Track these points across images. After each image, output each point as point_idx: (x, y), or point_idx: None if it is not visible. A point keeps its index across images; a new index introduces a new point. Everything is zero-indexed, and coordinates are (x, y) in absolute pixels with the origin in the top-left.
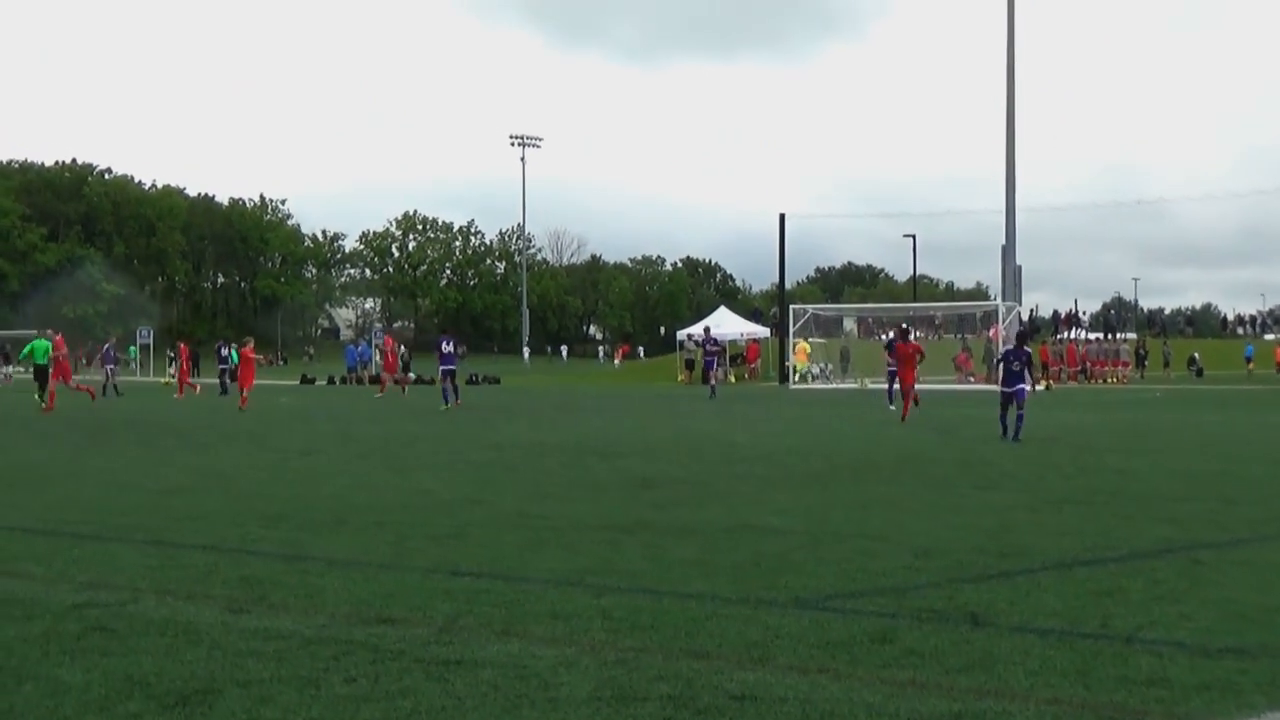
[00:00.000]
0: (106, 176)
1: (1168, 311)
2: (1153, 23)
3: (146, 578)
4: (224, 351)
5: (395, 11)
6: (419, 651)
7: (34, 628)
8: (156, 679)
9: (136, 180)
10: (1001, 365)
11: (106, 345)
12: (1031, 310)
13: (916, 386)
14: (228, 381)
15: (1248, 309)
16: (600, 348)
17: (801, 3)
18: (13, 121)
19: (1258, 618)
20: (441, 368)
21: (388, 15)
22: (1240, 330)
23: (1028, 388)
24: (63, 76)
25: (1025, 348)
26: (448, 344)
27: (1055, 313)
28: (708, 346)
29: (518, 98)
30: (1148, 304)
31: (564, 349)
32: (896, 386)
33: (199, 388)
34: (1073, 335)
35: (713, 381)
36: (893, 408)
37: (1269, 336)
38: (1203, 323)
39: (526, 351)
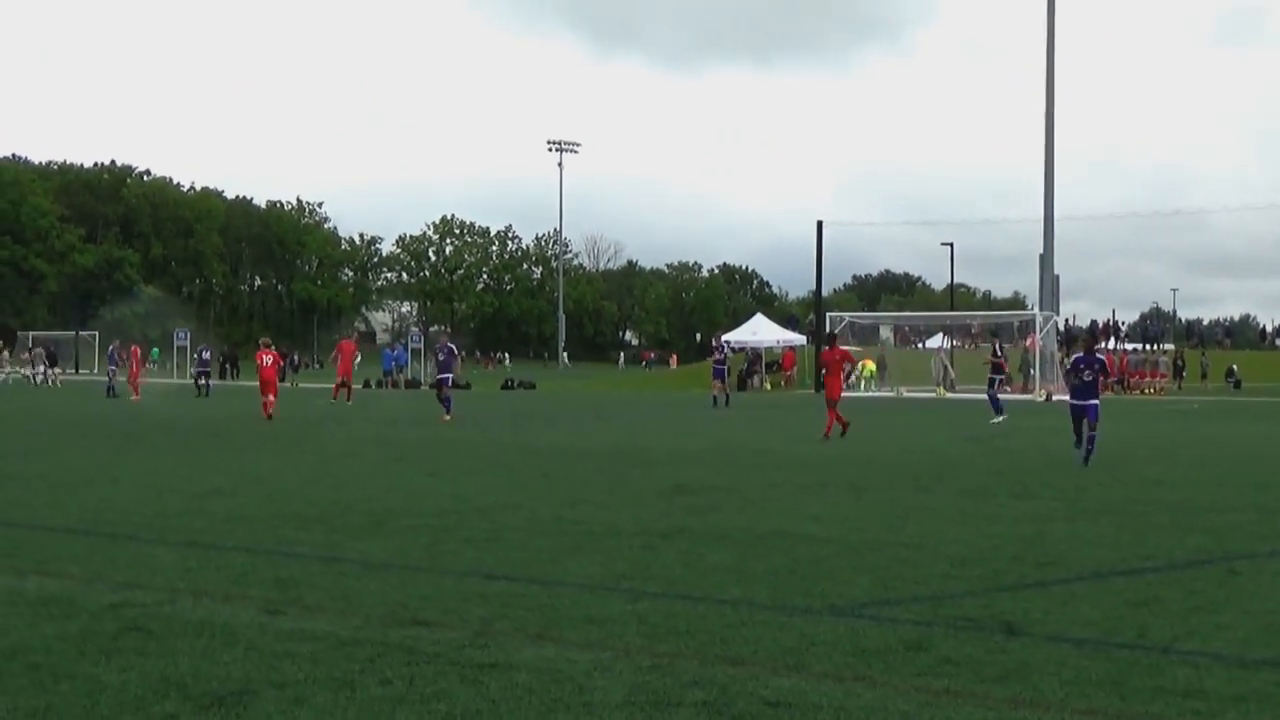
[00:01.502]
0: (145, 178)
1: (1206, 322)
2: (1195, 34)
3: (183, 578)
4: (204, 355)
5: (433, 17)
6: (454, 655)
7: (71, 627)
8: (192, 680)
9: (175, 182)
10: (1070, 374)
11: (110, 348)
12: (1068, 320)
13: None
14: (205, 384)
15: None
16: (621, 354)
17: (840, 9)
18: (52, 123)
19: None
20: (437, 376)
21: (426, 21)
22: (1279, 342)
23: (1099, 402)
24: (102, 78)
25: (1097, 353)
26: (442, 351)
27: (1093, 322)
28: (716, 354)
29: (556, 103)
30: (1186, 314)
31: (565, 355)
32: (1002, 396)
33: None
34: (1111, 346)
35: (715, 391)
36: (995, 420)
37: None
38: (1241, 334)
39: (508, 357)
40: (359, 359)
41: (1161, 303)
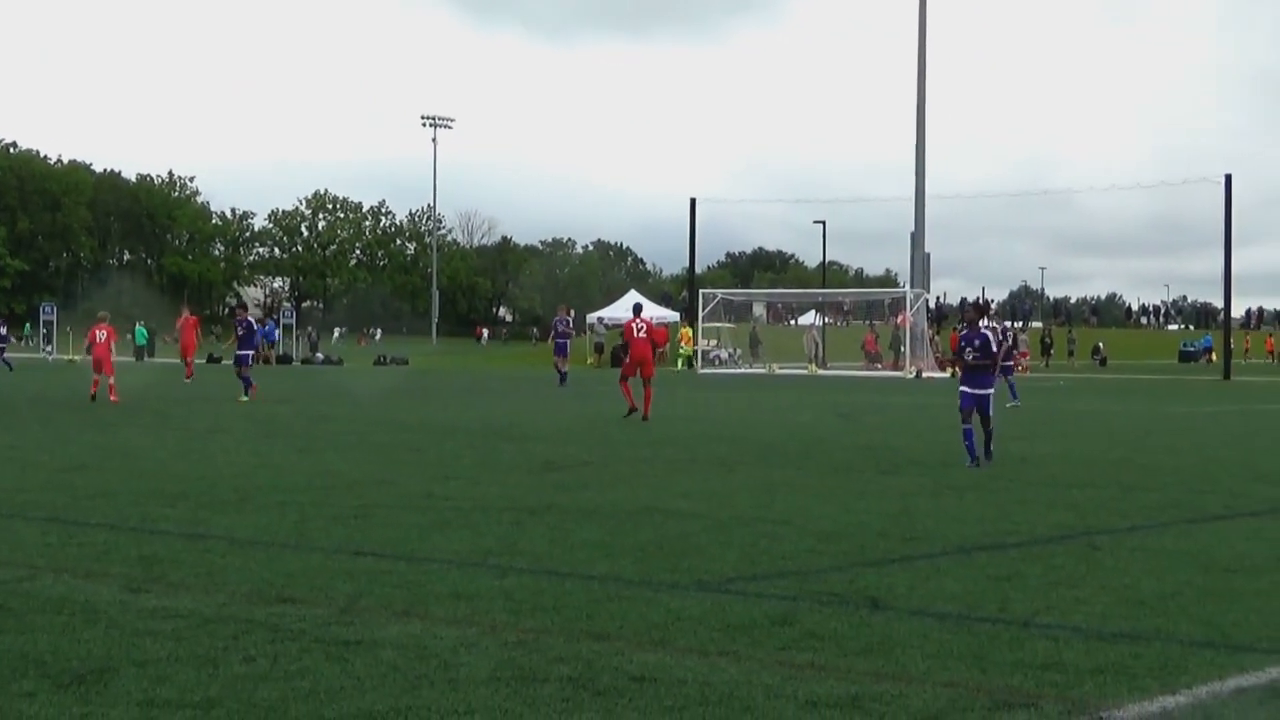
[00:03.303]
0: (11, 150)
1: (1073, 300)
2: (1067, 14)
3: (44, 555)
4: (1, 331)
5: None
6: (319, 631)
7: None
8: (52, 658)
9: (42, 155)
10: (958, 355)
11: None
12: (939, 298)
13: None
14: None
15: (1152, 299)
16: (484, 330)
17: None
18: None
19: (1152, 603)
20: (236, 352)
21: None
22: (1144, 320)
23: (993, 391)
24: None
25: (983, 326)
26: (241, 326)
27: (963, 300)
28: (559, 328)
29: (430, 77)
30: (1054, 293)
31: (379, 331)
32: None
33: None
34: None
35: (563, 369)
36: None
37: (1171, 327)
38: (1107, 312)
39: (337, 332)
40: (199, 335)
41: (1030, 281)
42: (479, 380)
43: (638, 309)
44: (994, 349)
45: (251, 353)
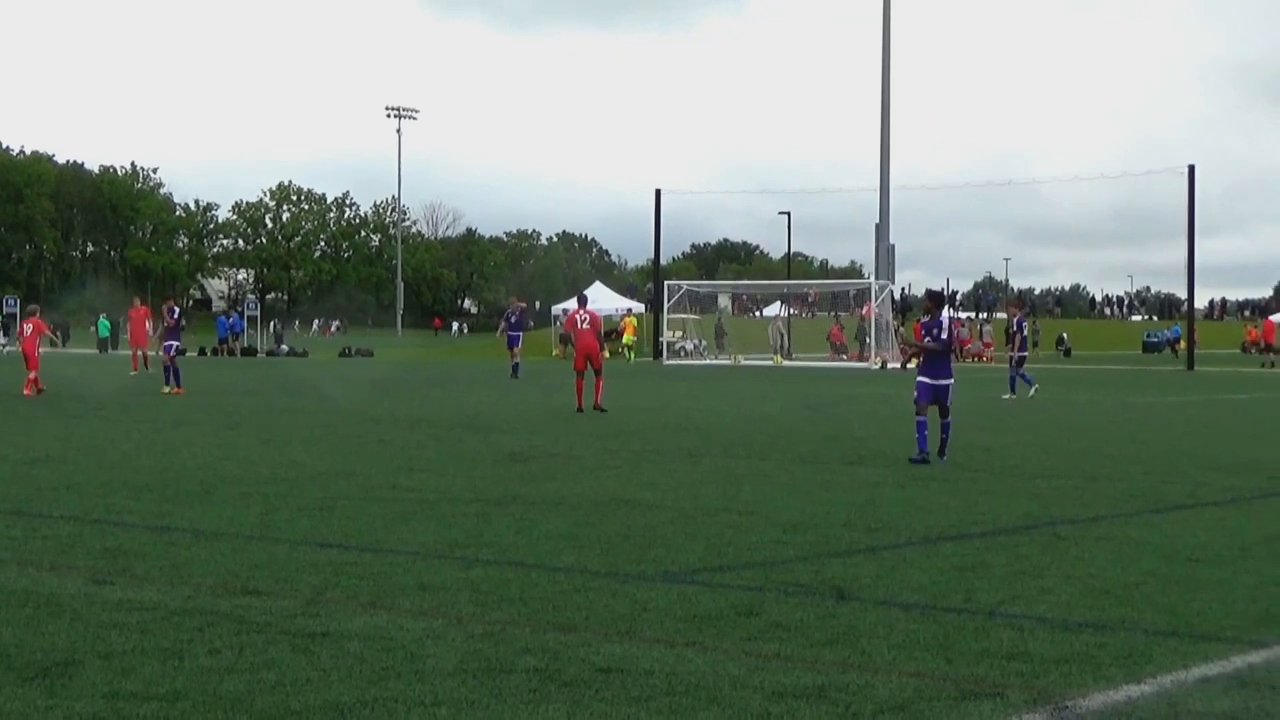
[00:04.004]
0: None
1: (1038, 291)
2: (1033, 5)
3: (8, 548)
4: None
5: None
6: (284, 623)
7: None
8: (16, 650)
9: (4, 146)
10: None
11: None
12: (904, 289)
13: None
14: None
15: (1116, 290)
16: (453, 323)
17: None
18: None
19: (1116, 592)
20: (164, 343)
21: None
22: (1108, 311)
23: (953, 382)
24: None
25: (942, 314)
26: (170, 315)
27: (928, 291)
28: (510, 320)
29: (394, 68)
30: (1018, 284)
31: (335, 323)
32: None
33: None
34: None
35: (515, 360)
36: (1006, 397)
37: (1135, 318)
38: (1071, 303)
39: (316, 323)
40: (151, 327)
41: (995, 272)
42: (444, 372)
43: (582, 300)
44: (949, 336)
45: (176, 344)
